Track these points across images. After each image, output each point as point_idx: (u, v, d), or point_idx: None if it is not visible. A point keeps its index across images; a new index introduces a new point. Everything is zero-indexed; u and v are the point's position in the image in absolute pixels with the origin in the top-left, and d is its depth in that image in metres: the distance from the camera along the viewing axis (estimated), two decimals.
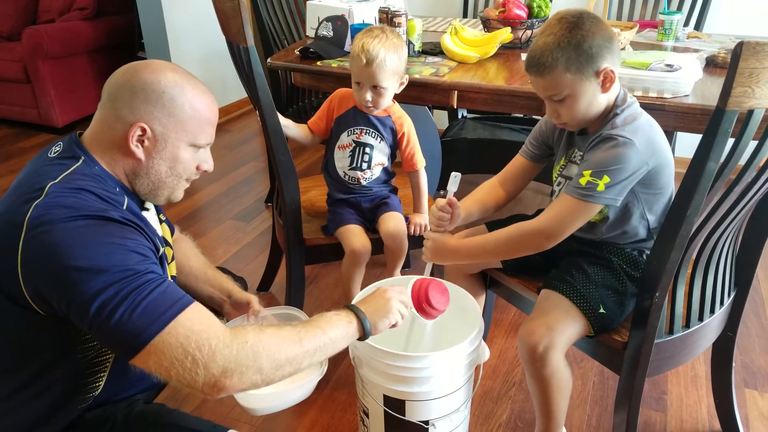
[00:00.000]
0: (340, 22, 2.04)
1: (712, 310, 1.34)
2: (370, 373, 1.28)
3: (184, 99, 1.01)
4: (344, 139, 1.69)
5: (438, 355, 1.22)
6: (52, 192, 0.92)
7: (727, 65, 0.98)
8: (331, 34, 2.03)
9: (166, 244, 1.17)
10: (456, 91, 1.77)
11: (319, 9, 2.17)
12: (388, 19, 1.93)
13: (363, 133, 1.68)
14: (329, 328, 1.01)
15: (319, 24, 2.07)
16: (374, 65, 1.52)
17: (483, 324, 1.31)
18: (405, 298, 1.16)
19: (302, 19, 2.52)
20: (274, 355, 0.93)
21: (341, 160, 1.70)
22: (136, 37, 3.82)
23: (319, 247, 1.74)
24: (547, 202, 1.33)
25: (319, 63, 1.94)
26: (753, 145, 1.07)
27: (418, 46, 2.01)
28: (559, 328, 1.24)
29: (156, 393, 1.25)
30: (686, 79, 1.56)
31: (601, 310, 1.26)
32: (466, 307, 1.39)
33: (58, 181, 0.94)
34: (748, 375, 1.79)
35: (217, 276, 1.38)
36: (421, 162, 1.72)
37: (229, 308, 1.36)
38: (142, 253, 0.93)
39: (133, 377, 1.08)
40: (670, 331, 1.27)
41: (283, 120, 1.65)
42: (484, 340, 1.44)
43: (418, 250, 2.33)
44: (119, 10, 3.93)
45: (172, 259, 1.20)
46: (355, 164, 1.69)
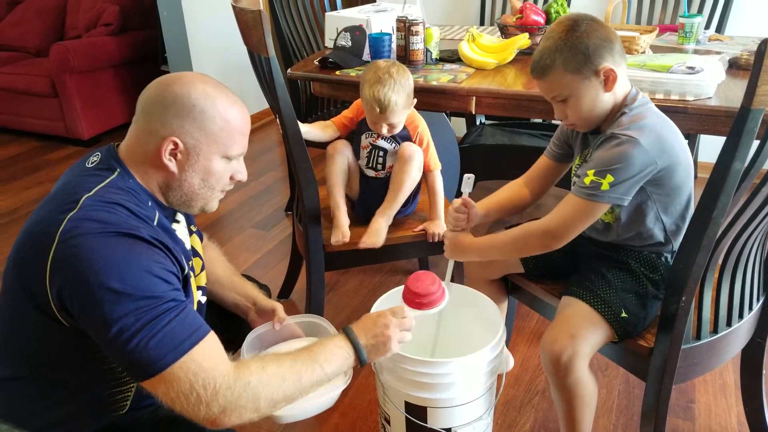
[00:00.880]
0: (358, 32, 2.06)
1: (741, 315, 1.31)
2: (391, 379, 1.28)
3: (215, 111, 1.01)
4: (364, 140, 1.77)
5: (460, 361, 1.21)
6: (86, 205, 0.93)
7: (751, 67, 0.96)
8: (350, 44, 2.05)
9: (196, 254, 1.18)
10: (474, 97, 1.77)
11: (338, 20, 2.19)
12: (406, 28, 1.94)
13: (379, 138, 1.74)
14: (327, 365, 1.04)
15: (338, 34, 2.09)
16: (388, 111, 1.61)
17: (505, 330, 1.30)
18: (407, 326, 1.15)
19: (321, 30, 2.55)
20: (273, 396, 0.97)
21: (362, 159, 1.79)
22: (159, 51, 3.89)
23: (338, 254, 1.74)
24: None
25: (337, 72, 1.95)
26: None
27: (435, 54, 2.02)
28: (582, 335, 1.22)
29: None
30: (709, 81, 1.54)
31: (623, 315, 1.24)
32: (488, 313, 1.38)
33: (92, 194, 0.95)
34: None
35: (243, 283, 1.39)
36: (435, 164, 1.75)
37: (254, 315, 1.37)
38: (166, 279, 0.94)
39: None
40: (698, 337, 1.25)
41: (303, 127, 1.67)
42: (506, 347, 1.43)
43: (437, 257, 2.33)
44: (143, 26, 4.01)
45: (201, 270, 1.21)
46: (370, 165, 1.77)
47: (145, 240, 0.94)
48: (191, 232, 1.20)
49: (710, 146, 2.71)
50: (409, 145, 1.69)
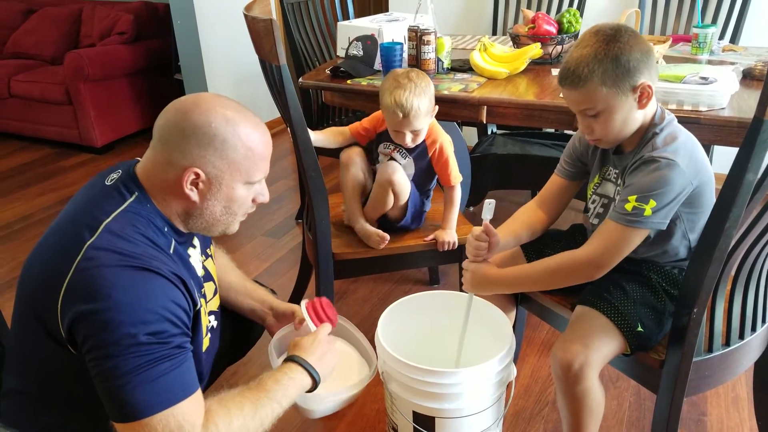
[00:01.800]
0: (369, 42, 2.07)
1: (754, 328, 1.29)
2: (399, 389, 1.27)
3: (237, 140, 0.99)
4: (382, 149, 1.78)
5: (468, 371, 1.20)
6: (107, 233, 0.92)
7: (765, 77, 0.96)
8: (361, 53, 2.06)
9: (209, 279, 1.17)
10: (485, 107, 1.77)
11: (350, 29, 2.20)
12: (418, 38, 1.95)
13: (394, 151, 1.74)
14: (284, 399, 1.07)
15: (350, 43, 2.10)
16: (411, 117, 1.59)
17: (514, 340, 1.29)
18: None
19: (333, 40, 2.56)
20: None
21: (382, 158, 1.79)
22: (173, 59, 3.93)
23: (348, 262, 1.74)
24: (581, 219, 1.31)
25: (349, 81, 1.96)
26: None
27: (447, 63, 2.02)
28: (596, 345, 1.21)
29: None
30: (722, 91, 1.53)
31: (639, 329, 1.23)
32: (497, 324, 1.37)
33: (111, 220, 0.94)
34: None
35: (256, 288, 1.40)
36: (455, 178, 1.73)
37: (272, 320, 1.38)
38: (176, 322, 0.94)
39: None
40: (710, 350, 1.24)
41: (313, 134, 1.68)
42: (515, 358, 1.42)
43: (447, 267, 2.33)
44: (157, 35, 4.06)
45: (214, 294, 1.20)
46: None
47: (163, 275, 0.93)
48: (207, 256, 1.19)
49: (723, 157, 2.69)
50: (385, 169, 1.66)
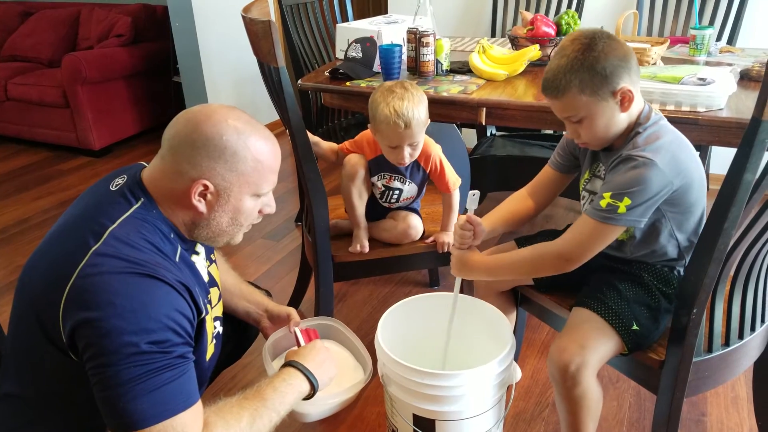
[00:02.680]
0: (369, 44, 2.07)
1: (753, 328, 1.29)
2: (399, 392, 1.27)
3: (247, 152, 0.99)
4: (376, 181, 1.73)
5: (468, 373, 1.20)
6: (110, 241, 0.92)
7: (762, 78, 0.96)
8: (360, 55, 2.06)
9: (214, 284, 1.17)
10: (484, 108, 1.77)
11: (349, 31, 2.20)
12: (417, 40, 1.95)
13: (391, 179, 1.72)
14: (283, 408, 1.07)
15: (349, 45, 2.10)
16: (413, 126, 1.54)
17: (514, 342, 1.29)
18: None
19: (332, 41, 2.56)
20: None
21: (376, 194, 1.76)
22: (171, 62, 3.93)
23: (347, 264, 1.74)
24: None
25: (348, 83, 1.96)
26: None
27: (446, 65, 2.03)
28: (592, 346, 1.21)
29: None
30: (720, 92, 1.54)
31: (635, 327, 1.23)
32: (497, 325, 1.37)
33: (117, 226, 0.94)
34: None
35: (251, 291, 1.40)
36: (454, 185, 1.72)
37: (267, 322, 1.38)
38: (179, 332, 0.93)
39: None
40: (709, 350, 1.24)
41: (312, 137, 1.68)
42: (515, 360, 1.42)
43: (447, 268, 2.32)
44: (155, 37, 4.05)
45: (219, 300, 1.20)
46: (385, 200, 1.76)
47: (168, 283, 0.93)
48: (211, 262, 1.19)
49: (721, 158, 2.70)
50: (407, 221, 1.70)
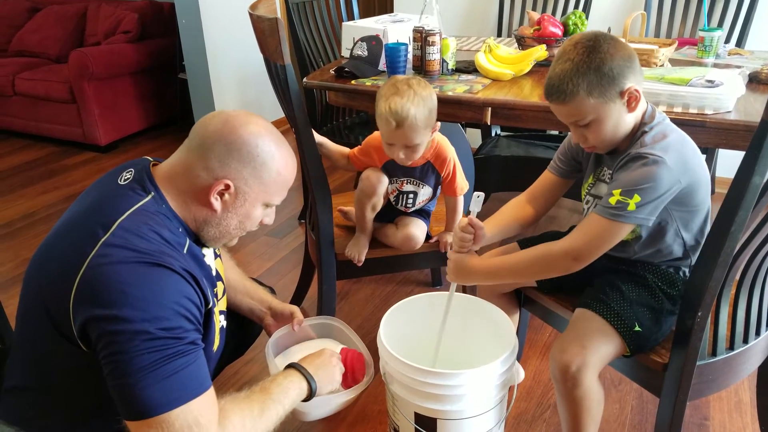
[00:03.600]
0: (374, 42, 2.07)
1: (758, 332, 1.29)
2: (400, 390, 1.27)
3: (274, 165, 1.04)
4: (389, 186, 1.71)
5: (470, 373, 1.20)
6: (120, 230, 0.93)
7: None
8: (366, 53, 2.05)
9: (219, 278, 1.18)
10: (490, 108, 1.76)
11: (354, 29, 2.20)
12: (423, 39, 1.95)
13: (404, 183, 1.68)
14: (287, 403, 1.11)
15: (354, 44, 2.10)
16: (405, 126, 1.43)
17: (517, 343, 1.29)
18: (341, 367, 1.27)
19: (337, 40, 2.56)
20: None
21: (390, 197, 1.74)
22: (177, 59, 3.93)
23: (350, 263, 1.74)
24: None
25: (353, 82, 1.96)
26: None
27: (451, 65, 2.02)
28: (593, 347, 1.21)
29: None
30: (728, 94, 1.53)
31: (637, 328, 1.23)
32: (500, 326, 1.37)
33: (125, 218, 0.94)
34: None
35: (255, 288, 1.40)
36: (461, 189, 1.69)
37: (270, 319, 1.38)
38: (190, 318, 0.94)
39: None
40: (713, 353, 1.23)
41: (319, 137, 1.67)
42: (518, 361, 1.41)
43: None
44: (162, 33, 4.06)
45: (224, 294, 1.21)
46: (400, 205, 1.73)
47: (176, 271, 0.94)
48: (216, 256, 1.20)
49: (729, 161, 2.68)
50: (413, 228, 1.66)
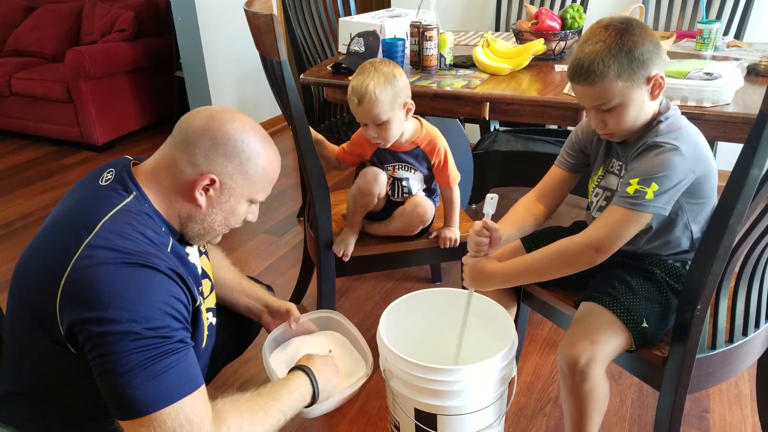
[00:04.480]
0: (371, 38, 2.06)
1: (757, 325, 1.29)
2: (401, 387, 1.27)
3: (259, 160, 1.05)
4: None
5: (470, 368, 1.20)
6: (104, 231, 0.92)
7: None
8: (363, 49, 2.04)
9: (205, 276, 1.18)
10: (488, 103, 1.76)
11: (352, 25, 2.19)
12: (420, 34, 1.94)
13: (396, 169, 1.68)
14: (291, 412, 1.11)
15: (351, 40, 2.09)
16: (365, 102, 1.48)
17: (516, 338, 1.29)
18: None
19: (335, 36, 2.55)
20: None
21: (387, 189, 1.72)
22: (174, 57, 3.92)
23: (350, 260, 1.73)
24: (584, 216, 1.30)
25: (350, 78, 1.95)
26: None
27: (449, 59, 2.01)
28: (602, 341, 1.21)
29: None
30: (727, 87, 1.52)
31: (644, 324, 1.22)
32: (499, 321, 1.36)
33: (108, 219, 0.94)
34: None
35: (252, 286, 1.40)
36: (454, 180, 1.70)
37: (268, 318, 1.38)
38: (177, 317, 0.94)
39: None
40: (713, 346, 1.23)
41: (316, 135, 1.67)
42: (517, 356, 1.41)
43: (449, 264, 2.33)
44: (158, 32, 4.05)
45: (211, 291, 1.21)
46: (396, 195, 1.71)
47: (161, 271, 0.93)
48: (201, 254, 1.20)
49: (727, 154, 2.67)
50: (417, 203, 1.64)
